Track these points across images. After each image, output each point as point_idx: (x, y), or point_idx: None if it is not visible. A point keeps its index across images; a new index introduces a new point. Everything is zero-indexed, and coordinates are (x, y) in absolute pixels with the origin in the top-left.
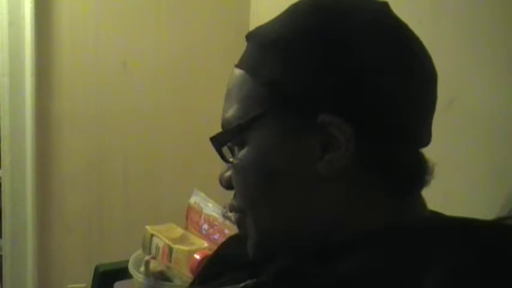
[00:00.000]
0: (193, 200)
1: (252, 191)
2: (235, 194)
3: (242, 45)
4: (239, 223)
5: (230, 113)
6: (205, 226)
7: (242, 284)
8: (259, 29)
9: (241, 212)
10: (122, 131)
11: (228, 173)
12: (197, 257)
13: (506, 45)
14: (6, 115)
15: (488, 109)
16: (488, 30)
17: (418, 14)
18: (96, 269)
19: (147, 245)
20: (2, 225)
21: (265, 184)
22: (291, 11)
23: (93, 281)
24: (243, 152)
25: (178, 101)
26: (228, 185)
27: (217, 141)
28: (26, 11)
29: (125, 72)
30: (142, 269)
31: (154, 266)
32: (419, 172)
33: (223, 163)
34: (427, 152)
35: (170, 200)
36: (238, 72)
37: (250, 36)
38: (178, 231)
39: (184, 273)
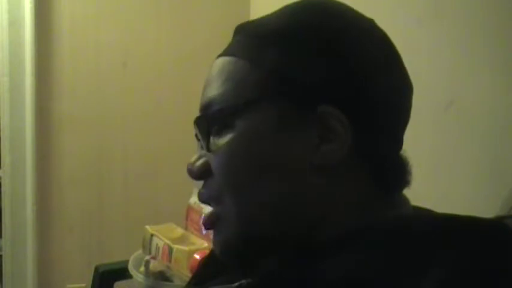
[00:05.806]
0: (193, 200)
1: (239, 177)
2: (207, 183)
3: None
4: (212, 216)
5: (218, 92)
6: None
7: (236, 284)
8: (252, 22)
9: (217, 200)
10: (122, 131)
11: (202, 161)
12: (197, 257)
13: (505, 46)
14: (6, 115)
15: (488, 110)
16: (488, 32)
17: (418, 14)
18: (96, 269)
19: (147, 245)
20: (2, 225)
21: (256, 171)
22: (287, 8)
23: (93, 281)
24: (230, 136)
25: (178, 101)
26: (201, 173)
27: (207, 121)
28: (26, 11)
29: (124, 72)
30: (142, 269)
31: (154, 266)
32: (405, 171)
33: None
34: (427, 151)
35: (170, 200)
36: (227, 59)
37: (242, 28)
38: (178, 231)
39: (184, 273)
